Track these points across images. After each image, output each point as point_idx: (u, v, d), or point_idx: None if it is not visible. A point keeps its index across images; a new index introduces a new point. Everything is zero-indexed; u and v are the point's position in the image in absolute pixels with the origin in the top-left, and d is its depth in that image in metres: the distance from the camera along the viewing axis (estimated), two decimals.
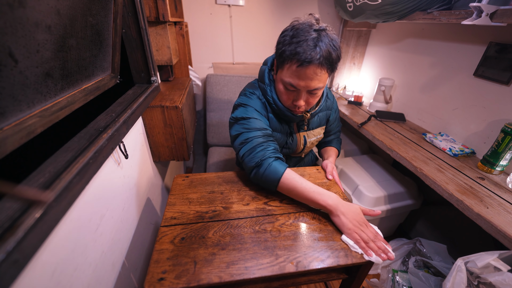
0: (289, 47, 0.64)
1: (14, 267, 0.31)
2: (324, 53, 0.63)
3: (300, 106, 0.72)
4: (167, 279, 0.47)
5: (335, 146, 1.01)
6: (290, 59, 0.65)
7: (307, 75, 0.65)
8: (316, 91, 0.70)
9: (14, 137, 0.37)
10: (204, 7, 1.45)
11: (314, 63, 0.63)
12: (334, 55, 0.65)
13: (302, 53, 0.62)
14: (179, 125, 0.93)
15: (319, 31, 0.64)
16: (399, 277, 1.09)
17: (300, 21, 0.67)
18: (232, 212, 0.65)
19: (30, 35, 0.38)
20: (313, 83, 0.67)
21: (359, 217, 0.61)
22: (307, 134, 0.88)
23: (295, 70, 0.65)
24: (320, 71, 0.65)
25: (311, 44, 0.62)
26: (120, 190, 0.70)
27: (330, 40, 0.65)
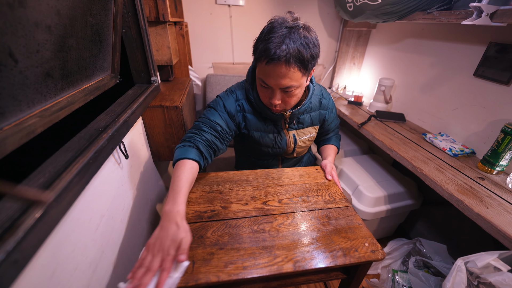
0: (261, 44, 0.65)
1: (14, 267, 0.32)
2: (291, 50, 0.62)
3: (275, 104, 0.72)
4: None
5: (334, 143, 0.99)
6: (260, 56, 0.65)
7: (276, 72, 0.65)
8: (289, 89, 0.69)
9: (14, 137, 0.37)
10: (204, 7, 1.45)
11: (280, 61, 0.62)
12: (306, 54, 0.64)
13: (269, 50, 0.62)
14: (179, 125, 0.93)
15: (291, 28, 0.63)
16: (399, 277, 1.09)
17: (277, 18, 0.66)
18: (230, 212, 0.65)
19: (30, 35, 0.39)
20: (284, 81, 0.66)
21: (168, 242, 0.49)
22: (297, 133, 0.88)
23: (265, 67, 0.65)
24: (289, 69, 0.64)
25: (278, 41, 0.62)
26: (120, 190, 0.70)
27: (302, 37, 0.63)
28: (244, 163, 1.02)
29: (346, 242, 0.58)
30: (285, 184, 0.77)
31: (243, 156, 1.01)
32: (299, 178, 0.81)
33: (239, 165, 1.07)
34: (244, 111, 0.82)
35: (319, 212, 0.66)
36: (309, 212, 0.66)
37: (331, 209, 0.68)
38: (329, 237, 0.59)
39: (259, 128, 0.83)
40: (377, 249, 0.56)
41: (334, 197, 0.73)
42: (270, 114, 0.79)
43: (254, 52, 0.68)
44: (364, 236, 0.59)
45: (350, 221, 0.64)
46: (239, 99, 0.81)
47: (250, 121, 0.82)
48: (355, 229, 0.62)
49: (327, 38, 1.74)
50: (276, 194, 0.73)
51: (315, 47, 0.66)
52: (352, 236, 0.59)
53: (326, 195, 0.73)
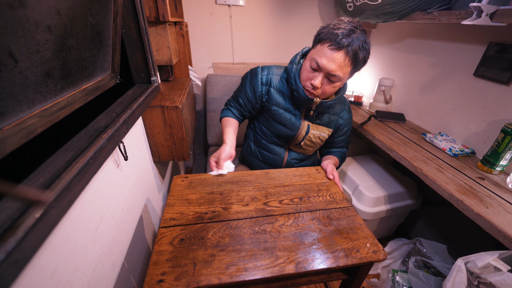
0: (328, 30, 0.73)
1: (14, 267, 0.31)
2: (354, 45, 0.70)
3: (315, 86, 0.78)
4: (166, 281, 0.47)
5: (336, 156, 1.03)
6: (325, 39, 0.73)
7: (332, 57, 0.72)
8: (334, 78, 0.75)
9: (14, 137, 0.37)
10: (204, 7, 1.45)
11: (342, 49, 0.70)
12: (362, 54, 0.73)
13: (336, 36, 0.70)
14: (179, 125, 0.93)
15: (356, 27, 0.72)
16: (399, 277, 1.09)
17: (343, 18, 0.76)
18: (231, 213, 0.65)
19: (30, 35, 0.38)
20: (335, 67, 0.73)
21: (217, 153, 0.83)
22: (312, 126, 0.93)
23: (325, 49, 0.73)
24: (344, 59, 0.72)
25: (346, 32, 0.70)
26: (120, 190, 0.70)
27: (363, 39, 0.72)
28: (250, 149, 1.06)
29: (348, 242, 0.58)
30: (286, 184, 0.77)
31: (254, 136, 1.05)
32: (299, 178, 0.81)
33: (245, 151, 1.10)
34: (270, 85, 0.91)
35: (320, 213, 0.66)
36: (310, 212, 0.66)
37: (332, 209, 0.68)
38: (330, 237, 0.59)
39: (279, 105, 0.91)
40: (379, 250, 0.56)
41: (335, 197, 0.73)
42: (302, 94, 0.83)
43: (318, 35, 0.76)
44: (366, 237, 0.59)
45: (351, 221, 0.64)
46: (269, 74, 0.91)
47: (273, 95, 0.90)
48: (356, 229, 0.61)
49: None
50: (276, 194, 0.73)
51: (368, 53, 0.75)
52: (353, 236, 0.59)
53: (327, 196, 0.73)
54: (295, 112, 0.91)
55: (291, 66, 0.86)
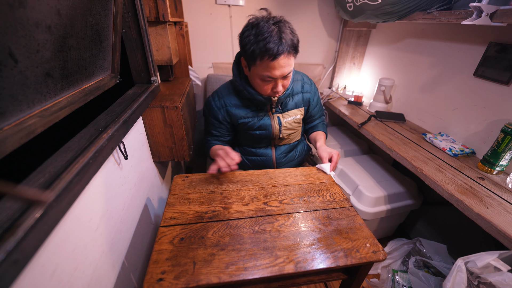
0: (258, 46, 0.72)
1: (14, 267, 0.31)
2: (289, 42, 0.73)
3: (280, 91, 0.82)
4: (166, 279, 0.47)
5: (321, 129, 1.08)
6: (262, 56, 0.73)
7: (280, 65, 0.75)
8: (289, 74, 0.81)
9: (14, 137, 0.37)
10: (204, 7, 1.45)
11: (284, 54, 0.73)
12: (296, 40, 0.76)
13: (272, 48, 0.71)
14: (179, 125, 0.93)
15: (277, 23, 0.73)
16: (399, 277, 1.09)
17: (256, 18, 0.76)
18: (231, 213, 0.65)
19: (30, 35, 0.38)
20: (286, 69, 0.77)
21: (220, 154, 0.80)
22: (282, 116, 0.96)
23: (269, 63, 0.74)
24: (290, 58, 0.76)
25: (277, 38, 0.71)
26: (120, 190, 0.70)
27: (288, 28, 0.74)
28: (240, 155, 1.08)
29: (348, 242, 0.58)
30: (286, 184, 0.77)
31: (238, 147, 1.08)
32: (299, 178, 0.81)
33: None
34: (226, 106, 0.94)
35: (320, 213, 0.66)
36: (310, 212, 0.66)
37: (332, 209, 0.68)
38: (330, 237, 0.59)
39: (243, 116, 0.94)
40: (379, 250, 0.56)
41: (335, 197, 0.73)
42: (260, 99, 0.87)
43: (252, 54, 0.75)
44: (366, 237, 0.59)
45: (351, 221, 0.64)
46: (221, 97, 0.94)
47: (233, 112, 0.93)
48: (356, 229, 0.61)
49: (327, 38, 1.74)
50: (277, 194, 0.73)
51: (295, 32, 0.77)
52: (353, 236, 0.59)
53: (327, 196, 0.73)
54: (261, 113, 0.94)
55: (235, 79, 0.89)
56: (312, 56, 1.78)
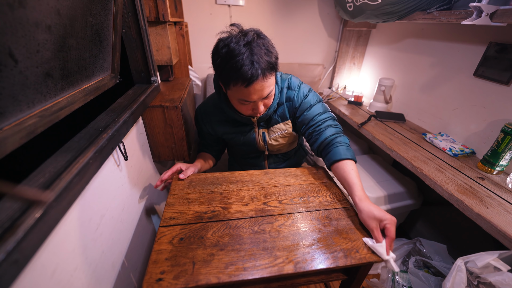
0: (230, 72, 0.65)
1: (14, 267, 0.31)
2: (263, 64, 0.65)
3: (261, 111, 0.76)
4: (166, 279, 0.47)
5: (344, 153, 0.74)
6: (235, 82, 0.66)
7: (256, 89, 0.68)
8: (270, 95, 0.74)
9: (14, 137, 0.37)
10: (204, 7, 1.45)
11: (258, 78, 0.65)
12: (273, 58, 0.68)
13: (244, 74, 0.63)
14: (179, 125, 0.93)
15: (249, 44, 0.64)
16: (399, 277, 1.09)
17: (225, 38, 0.67)
18: (231, 213, 0.65)
19: (30, 35, 0.38)
20: (264, 91, 0.70)
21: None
22: (267, 131, 0.90)
23: (245, 89, 0.67)
24: (266, 80, 0.68)
25: (248, 62, 0.63)
26: (120, 190, 0.70)
27: (262, 46, 0.65)
28: (233, 163, 1.10)
29: (347, 243, 0.58)
30: (286, 184, 0.77)
31: (232, 156, 1.08)
32: (299, 178, 0.81)
33: (230, 164, 1.15)
34: (211, 122, 0.91)
35: (320, 213, 0.66)
36: (310, 212, 0.66)
37: (332, 209, 0.68)
38: (330, 238, 0.59)
39: (227, 132, 0.91)
40: None
41: (334, 197, 0.73)
42: (242, 117, 0.83)
43: (224, 80, 0.69)
44: (365, 237, 0.59)
45: (351, 222, 0.64)
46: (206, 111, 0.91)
47: (218, 128, 0.91)
48: (356, 230, 0.61)
49: (327, 38, 1.74)
50: (276, 194, 0.73)
51: (273, 48, 0.70)
52: (353, 237, 0.59)
53: (326, 196, 0.73)
54: (245, 129, 0.89)
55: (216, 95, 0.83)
56: (312, 56, 1.78)
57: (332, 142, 0.78)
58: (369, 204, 0.62)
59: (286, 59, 1.74)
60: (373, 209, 0.60)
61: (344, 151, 0.74)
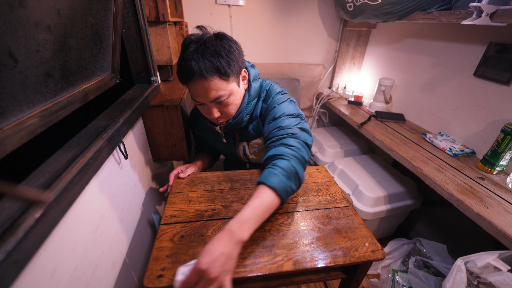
0: (178, 67, 0.66)
1: (14, 267, 0.31)
2: (201, 64, 0.61)
3: (215, 117, 0.71)
4: (166, 276, 0.48)
5: (264, 179, 0.57)
6: (181, 78, 0.67)
7: (199, 89, 0.65)
8: (220, 99, 0.67)
9: (14, 137, 0.37)
10: (204, 7, 1.45)
11: (196, 78, 0.62)
12: (220, 63, 0.62)
13: (183, 71, 0.64)
14: (179, 125, 0.93)
15: (197, 42, 0.63)
16: (399, 277, 1.09)
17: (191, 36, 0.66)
18: (231, 211, 0.65)
19: (30, 35, 0.39)
20: (210, 94, 0.65)
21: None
22: (248, 145, 0.87)
23: (189, 87, 0.67)
24: (208, 81, 0.63)
25: (189, 58, 0.62)
26: (120, 190, 0.70)
27: (211, 47, 0.62)
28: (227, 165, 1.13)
29: (346, 241, 0.58)
30: None
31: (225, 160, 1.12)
32: None
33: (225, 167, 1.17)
34: (199, 127, 0.94)
35: (320, 212, 0.66)
36: (310, 211, 0.66)
37: (332, 208, 0.68)
38: (329, 236, 0.59)
39: (211, 139, 0.93)
40: (377, 249, 0.56)
41: (334, 197, 0.73)
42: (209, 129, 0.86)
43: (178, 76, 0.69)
44: (365, 236, 0.59)
45: (350, 221, 0.64)
46: (195, 117, 0.93)
47: (204, 134, 0.94)
48: (355, 229, 0.62)
49: (327, 38, 1.74)
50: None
51: (230, 53, 0.64)
52: (352, 235, 0.59)
53: (326, 195, 0.73)
54: (228, 139, 0.87)
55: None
56: (312, 56, 1.78)
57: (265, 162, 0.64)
58: (222, 233, 0.47)
59: (286, 59, 1.74)
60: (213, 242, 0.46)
61: (266, 175, 0.58)
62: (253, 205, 0.53)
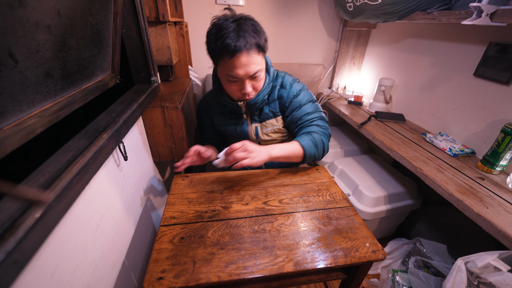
0: (216, 44, 0.70)
1: (14, 267, 0.31)
2: (248, 39, 0.69)
3: (248, 92, 0.78)
4: (166, 278, 0.48)
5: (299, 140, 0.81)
6: (221, 54, 0.71)
7: (242, 63, 0.71)
8: (256, 74, 0.75)
9: (14, 137, 0.37)
10: (204, 7, 1.45)
11: (243, 50, 0.69)
12: (260, 38, 0.73)
13: (228, 44, 0.68)
14: (179, 125, 0.93)
15: (237, 20, 0.71)
16: (399, 277, 1.09)
17: (218, 18, 0.73)
18: (231, 212, 0.65)
19: (30, 35, 0.38)
20: (251, 68, 0.73)
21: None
22: (260, 126, 0.93)
23: (230, 62, 0.71)
24: (251, 55, 0.71)
25: (234, 35, 0.68)
26: (120, 190, 0.70)
27: (250, 25, 0.71)
28: None
29: (347, 242, 0.58)
30: (286, 184, 0.77)
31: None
32: (299, 178, 0.81)
33: None
34: (211, 113, 0.97)
35: (320, 212, 0.66)
36: (310, 212, 0.66)
37: (332, 209, 0.68)
38: (329, 237, 0.59)
39: (223, 123, 0.96)
40: (378, 249, 0.56)
41: (334, 197, 0.73)
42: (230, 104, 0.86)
43: (212, 54, 0.75)
44: (365, 236, 0.59)
45: (350, 221, 0.64)
46: (207, 103, 0.98)
47: (215, 118, 0.97)
48: (355, 229, 0.62)
49: (327, 38, 1.74)
50: (276, 194, 0.73)
51: (263, 31, 0.75)
52: (352, 236, 0.59)
53: (326, 195, 0.73)
54: (239, 121, 0.93)
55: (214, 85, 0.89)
56: (312, 56, 1.78)
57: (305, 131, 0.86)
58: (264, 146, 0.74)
59: (286, 59, 1.74)
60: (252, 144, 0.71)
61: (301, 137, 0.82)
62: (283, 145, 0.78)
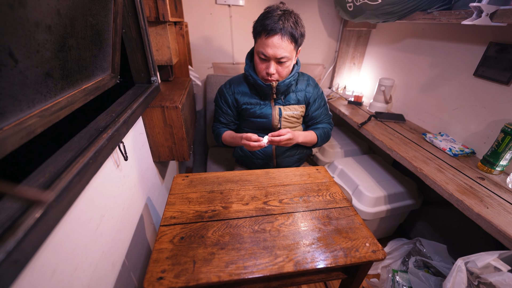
0: (260, 23, 0.84)
1: (14, 267, 0.31)
2: (286, 25, 0.80)
3: (272, 73, 0.88)
4: (166, 278, 0.48)
5: (316, 131, 1.08)
6: (260, 32, 0.83)
7: (273, 43, 0.82)
8: (282, 59, 0.86)
9: (14, 137, 0.37)
10: (204, 7, 1.45)
11: (277, 33, 0.80)
12: (297, 30, 0.83)
13: (267, 24, 0.80)
14: (179, 125, 0.93)
15: (284, 10, 0.82)
16: (399, 277, 1.09)
17: (272, 6, 0.85)
18: (231, 212, 0.65)
19: (30, 35, 0.38)
20: (279, 51, 0.83)
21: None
22: (284, 108, 1.03)
23: (264, 40, 0.83)
24: (284, 40, 0.82)
25: (276, 18, 0.80)
26: (120, 190, 0.70)
27: (294, 19, 0.82)
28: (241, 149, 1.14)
29: (347, 242, 0.58)
30: (286, 184, 0.77)
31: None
32: (299, 178, 0.81)
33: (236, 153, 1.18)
34: (235, 93, 1.05)
35: (320, 212, 0.66)
36: (310, 212, 0.66)
37: (332, 209, 0.68)
38: (330, 237, 0.59)
39: (247, 102, 1.04)
40: (378, 249, 0.56)
41: (334, 197, 0.73)
42: (260, 83, 0.94)
43: (254, 31, 0.87)
44: (365, 236, 0.59)
45: (351, 221, 0.64)
46: (231, 84, 1.06)
47: (240, 98, 1.04)
48: (356, 229, 0.62)
49: (327, 38, 1.74)
50: (276, 194, 0.73)
51: (303, 28, 0.86)
52: (353, 236, 0.59)
53: (326, 195, 0.73)
54: (264, 102, 1.02)
55: (245, 66, 0.99)
56: (312, 56, 1.78)
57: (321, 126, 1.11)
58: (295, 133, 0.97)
59: None
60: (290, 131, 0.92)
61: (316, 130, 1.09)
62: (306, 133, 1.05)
